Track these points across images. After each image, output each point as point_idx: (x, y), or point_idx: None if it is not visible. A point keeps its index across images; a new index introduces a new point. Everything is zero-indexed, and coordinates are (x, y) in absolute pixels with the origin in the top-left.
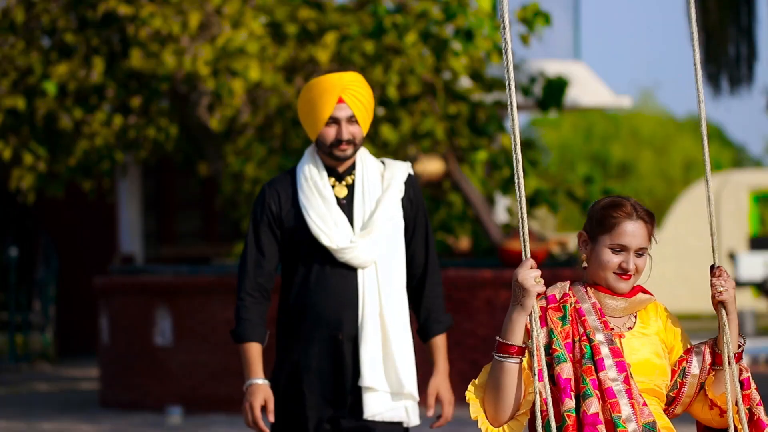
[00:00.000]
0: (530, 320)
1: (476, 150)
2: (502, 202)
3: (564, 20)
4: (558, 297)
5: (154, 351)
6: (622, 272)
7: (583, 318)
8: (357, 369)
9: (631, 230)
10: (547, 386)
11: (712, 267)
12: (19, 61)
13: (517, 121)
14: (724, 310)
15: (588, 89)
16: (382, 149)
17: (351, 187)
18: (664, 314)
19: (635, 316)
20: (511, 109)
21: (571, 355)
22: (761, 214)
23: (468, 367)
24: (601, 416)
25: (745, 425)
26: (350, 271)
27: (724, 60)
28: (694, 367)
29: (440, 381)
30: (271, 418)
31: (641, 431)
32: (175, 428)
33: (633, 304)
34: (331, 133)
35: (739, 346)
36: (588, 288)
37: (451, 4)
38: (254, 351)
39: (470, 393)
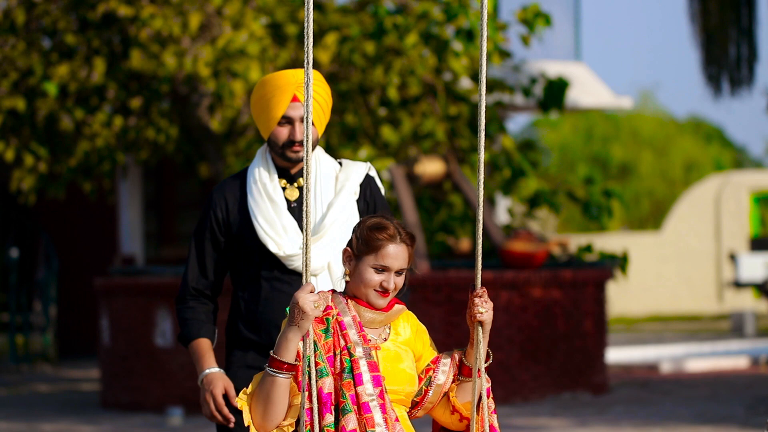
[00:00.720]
0: (303, 342)
1: (477, 151)
2: (502, 203)
3: (564, 21)
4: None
5: (154, 352)
6: (383, 291)
7: (344, 331)
8: None
9: (394, 253)
10: (315, 401)
11: (473, 287)
12: (20, 62)
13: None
14: (480, 329)
15: (588, 90)
16: (382, 150)
17: (303, 190)
18: (415, 323)
19: (389, 327)
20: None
21: (332, 369)
22: (762, 215)
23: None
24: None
25: (486, 428)
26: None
27: (724, 61)
28: (440, 378)
29: None
30: (236, 404)
31: None
32: (175, 429)
33: (389, 317)
34: (283, 133)
35: (487, 360)
36: (348, 300)
37: (452, 4)
38: (204, 345)
39: (242, 401)
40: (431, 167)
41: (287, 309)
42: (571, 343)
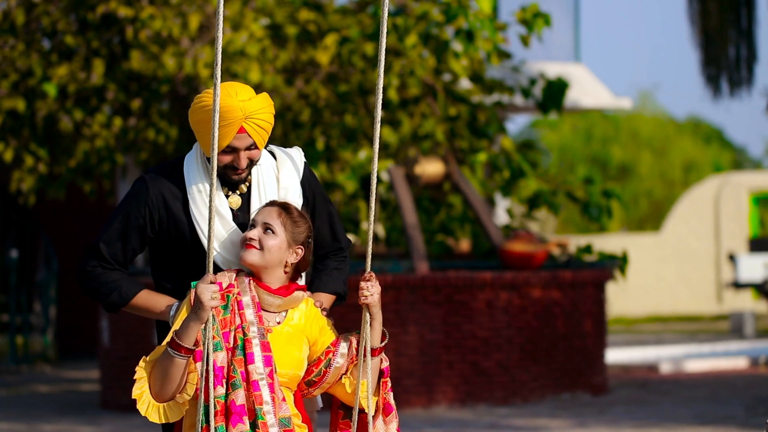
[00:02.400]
0: (204, 329)
1: (476, 152)
2: (502, 204)
3: (564, 22)
4: (224, 286)
5: None
6: (245, 241)
7: (241, 311)
8: None
9: (263, 210)
10: (212, 377)
11: (363, 271)
12: (20, 62)
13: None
14: (368, 312)
15: (588, 91)
16: (382, 151)
17: (246, 196)
18: (312, 311)
19: (286, 313)
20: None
21: (227, 344)
22: (761, 216)
23: (468, 369)
24: (245, 407)
25: (371, 404)
26: None
27: (724, 62)
28: (338, 361)
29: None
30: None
31: (277, 423)
32: None
33: (288, 302)
34: (226, 159)
35: (383, 340)
36: (251, 282)
37: (452, 5)
38: (147, 294)
39: (140, 368)
40: (431, 168)
41: (192, 284)
42: (571, 343)
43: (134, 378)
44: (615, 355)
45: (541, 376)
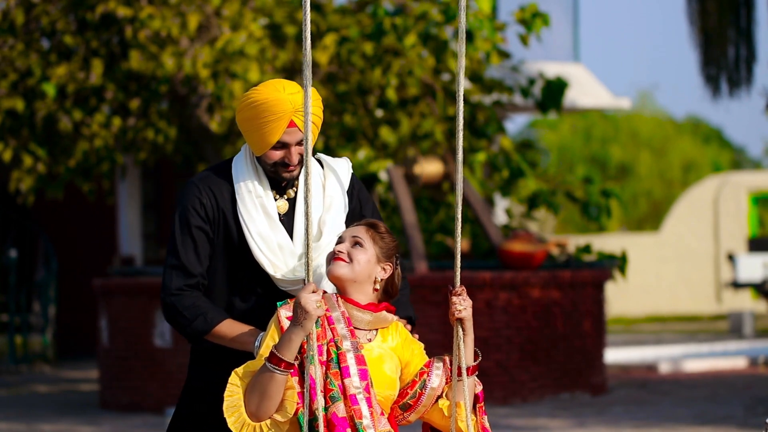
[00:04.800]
0: (307, 340)
1: (475, 152)
2: (501, 204)
3: (563, 22)
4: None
5: (153, 352)
6: (333, 255)
7: (332, 326)
8: None
9: (351, 228)
10: (307, 387)
11: (452, 286)
12: (19, 62)
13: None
14: (460, 327)
15: (587, 91)
16: (381, 151)
17: (292, 201)
18: (404, 333)
19: (377, 332)
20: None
21: (321, 358)
22: (760, 216)
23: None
24: (347, 421)
25: (470, 424)
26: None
27: (723, 62)
28: (433, 381)
29: None
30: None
31: None
32: None
33: (377, 319)
34: (277, 155)
35: (476, 359)
36: (339, 298)
37: (451, 5)
38: (231, 323)
39: (233, 385)
40: (430, 168)
41: (279, 303)
42: (570, 343)
43: (225, 395)
44: (614, 355)
45: (540, 376)
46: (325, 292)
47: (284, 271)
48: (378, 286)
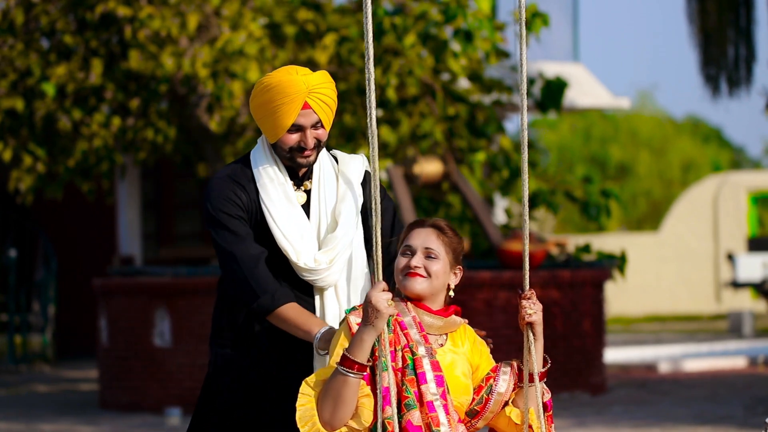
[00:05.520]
0: (378, 340)
1: (475, 151)
2: (500, 204)
3: (562, 22)
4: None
5: (153, 352)
6: (408, 270)
7: (405, 331)
8: None
9: (417, 234)
10: (379, 393)
11: (522, 289)
12: (18, 62)
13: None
14: (531, 332)
15: (586, 90)
16: (380, 150)
17: (309, 193)
18: (472, 335)
19: (447, 336)
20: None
21: (393, 364)
22: (760, 216)
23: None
24: (423, 429)
25: (544, 428)
26: (310, 289)
27: (723, 62)
28: (501, 386)
29: None
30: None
31: None
32: (174, 429)
33: (448, 324)
34: (293, 139)
35: (545, 365)
36: (408, 303)
37: (450, 5)
38: (298, 308)
39: (305, 395)
40: (429, 167)
41: (347, 310)
42: (570, 343)
43: (297, 405)
44: (614, 355)
45: None
46: (393, 296)
47: (306, 258)
48: (451, 293)
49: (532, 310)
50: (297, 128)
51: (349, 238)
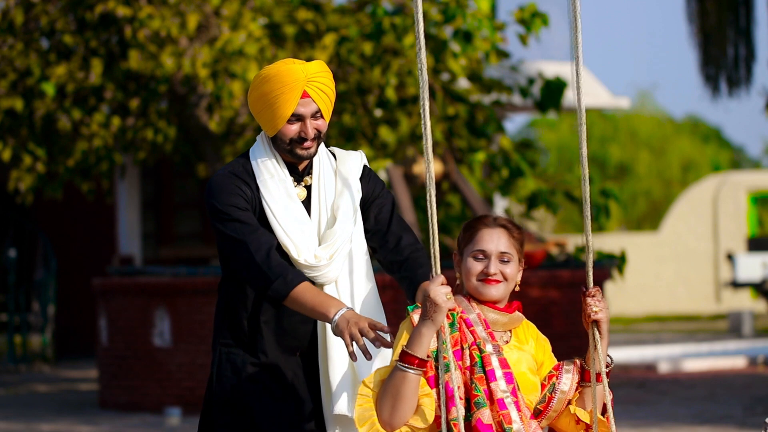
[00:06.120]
0: (437, 336)
1: (475, 151)
2: (500, 204)
3: (562, 22)
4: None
5: (152, 352)
6: (485, 276)
7: (471, 328)
8: (319, 391)
9: (489, 236)
10: (442, 394)
11: (585, 287)
12: (18, 62)
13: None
14: (597, 330)
15: (586, 90)
16: (380, 150)
17: (309, 189)
18: (535, 331)
19: (510, 332)
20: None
21: (459, 363)
22: (759, 215)
23: None
24: (494, 427)
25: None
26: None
27: (722, 61)
28: (564, 384)
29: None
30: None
31: None
32: (173, 429)
33: (512, 320)
34: (292, 130)
35: (608, 365)
36: (471, 300)
37: (450, 5)
38: (313, 287)
39: (362, 396)
40: None
41: (409, 308)
42: (569, 343)
43: (356, 406)
44: (613, 355)
45: None
46: (455, 293)
47: (307, 255)
48: (516, 287)
49: (598, 307)
50: (297, 118)
51: (348, 233)
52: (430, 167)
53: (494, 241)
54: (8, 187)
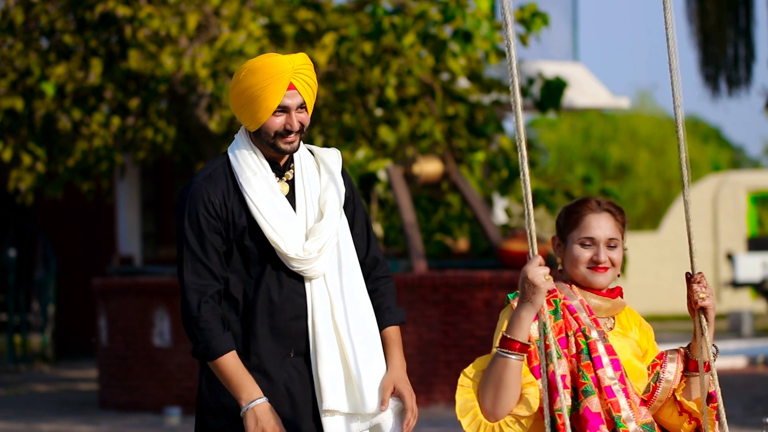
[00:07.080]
0: (539, 318)
1: (474, 151)
2: (500, 203)
3: (562, 21)
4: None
5: (152, 352)
6: (595, 265)
7: (575, 315)
8: (313, 390)
9: (596, 222)
10: (545, 383)
11: (689, 274)
12: (18, 62)
13: (521, 119)
14: (703, 317)
15: (586, 90)
16: (380, 150)
17: (291, 183)
18: (638, 318)
19: (614, 319)
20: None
21: (565, 351)
22: (759, 215)
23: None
24: (603, 415)
25: (724, 420)
26: (299, 281)
27: (722, 61)
28: (669, 373)
29: (397, 375)
30: None
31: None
32: (173, 429)
33: (615, 306)
34: (277, 122)
35: (714, 354)
36: (573, 286)
37: (450, 5)
38: (236, 362)
39: (463, 387)
40: (429, 167)
41: (509, 296)
42: None
43: (456, 397)
44: None
45: None
46: (555, 278)
47: (296, 248)
48: (619, 273)
49: (704, 293)
50: (282, 110)
51: (335, 226)
52: (522, 147)
53: (602, 227)
54: (8, 187)
